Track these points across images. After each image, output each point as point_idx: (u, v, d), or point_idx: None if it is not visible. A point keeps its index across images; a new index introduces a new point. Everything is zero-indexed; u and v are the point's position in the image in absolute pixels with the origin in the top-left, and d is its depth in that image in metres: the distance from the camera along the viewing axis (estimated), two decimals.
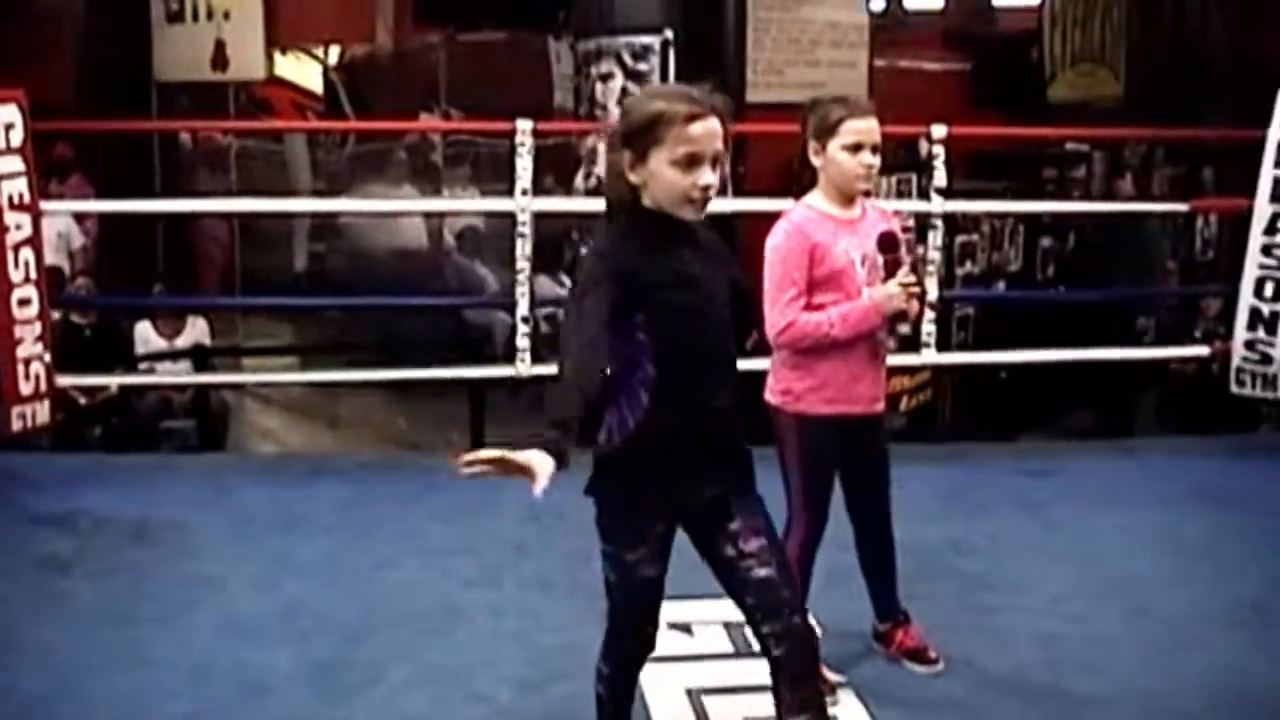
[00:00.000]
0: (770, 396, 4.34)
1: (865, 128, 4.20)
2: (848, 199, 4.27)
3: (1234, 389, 7.51)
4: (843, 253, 4.20)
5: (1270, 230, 7.19)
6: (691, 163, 3.27)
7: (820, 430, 4.25)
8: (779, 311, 4.16)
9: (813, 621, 3.61)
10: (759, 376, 4.30)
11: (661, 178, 3.29)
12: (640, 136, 3.29)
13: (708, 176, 3.29)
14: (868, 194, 4.39)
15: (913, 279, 4.21)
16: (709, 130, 3.29)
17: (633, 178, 3.32)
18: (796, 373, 4.27)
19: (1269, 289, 7.21)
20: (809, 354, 4.23)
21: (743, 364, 3.51)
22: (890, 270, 4.20)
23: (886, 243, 4.22)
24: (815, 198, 4.29)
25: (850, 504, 4.53)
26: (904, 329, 4.34)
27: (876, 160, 4.23)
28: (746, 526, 3.48)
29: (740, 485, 3.51)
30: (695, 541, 3.56)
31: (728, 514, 3.48)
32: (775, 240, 4.22)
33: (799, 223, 4.23)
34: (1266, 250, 7.21)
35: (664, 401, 3.37)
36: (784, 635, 3.46)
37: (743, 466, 3.52)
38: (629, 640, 3.67)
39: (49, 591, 5.23)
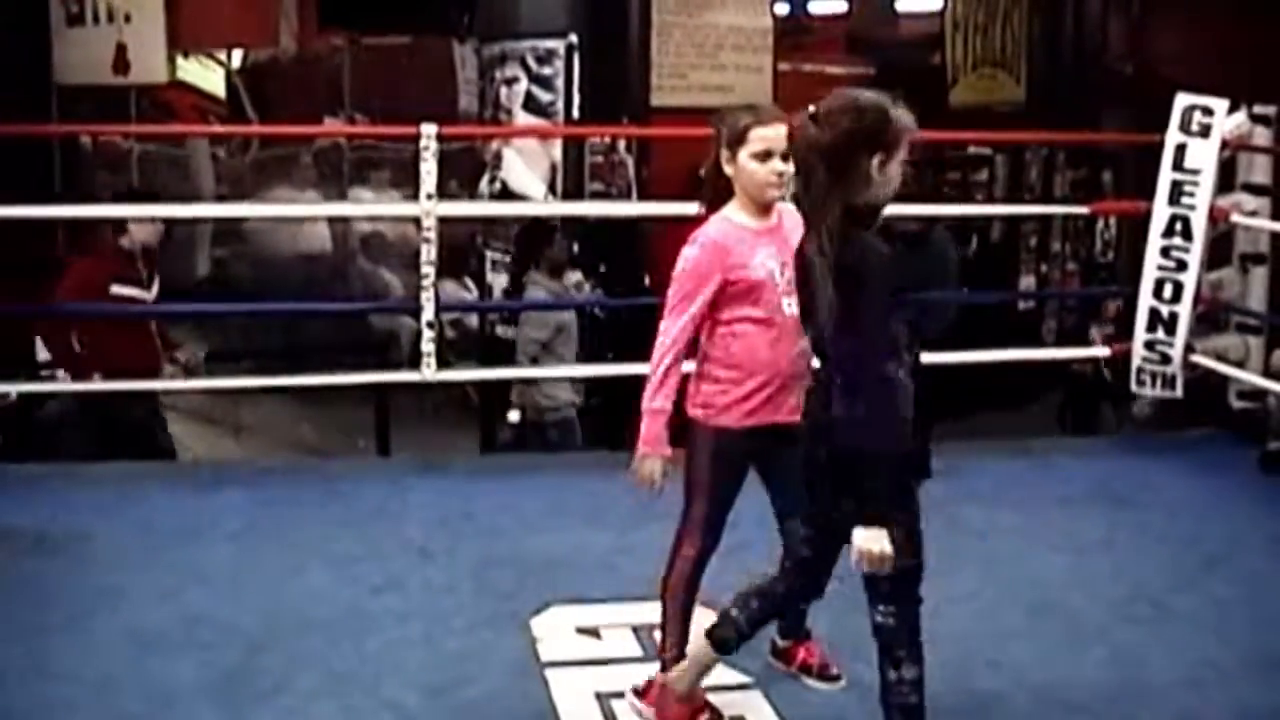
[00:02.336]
0: (689, 408, 4.25)
1: (774, 135, 4.09)
2: (763, 208, 4.19)
3: (1134, 389, 7.61)
4: (760, 265, 4.12)
5: (1168, 232, 7.28)
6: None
7: (736, 444, 4.19)
8: (668, 328, 4.14)
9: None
10: None
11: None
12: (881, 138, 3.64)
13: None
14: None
15: None
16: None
17: (877, 176, 3.63)
18: (718, 387, 4.19)
19: (1167, 290, 7.31)
20: (738, 367, 4.16)
21: None
22: None
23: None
24: (732, 209, 4.21)
25: (780, 517, 4.39)
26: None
27: (788, 167, 4.03)
28: None
29: None
30: None
31: None
32: (689, 251, 4.15)
33: (715, 236, 4.15)
34: (1164, 252, 7.31)
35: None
36: None
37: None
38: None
39: None
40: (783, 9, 12.16)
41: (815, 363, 3.83)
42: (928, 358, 3.70)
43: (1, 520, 6.02)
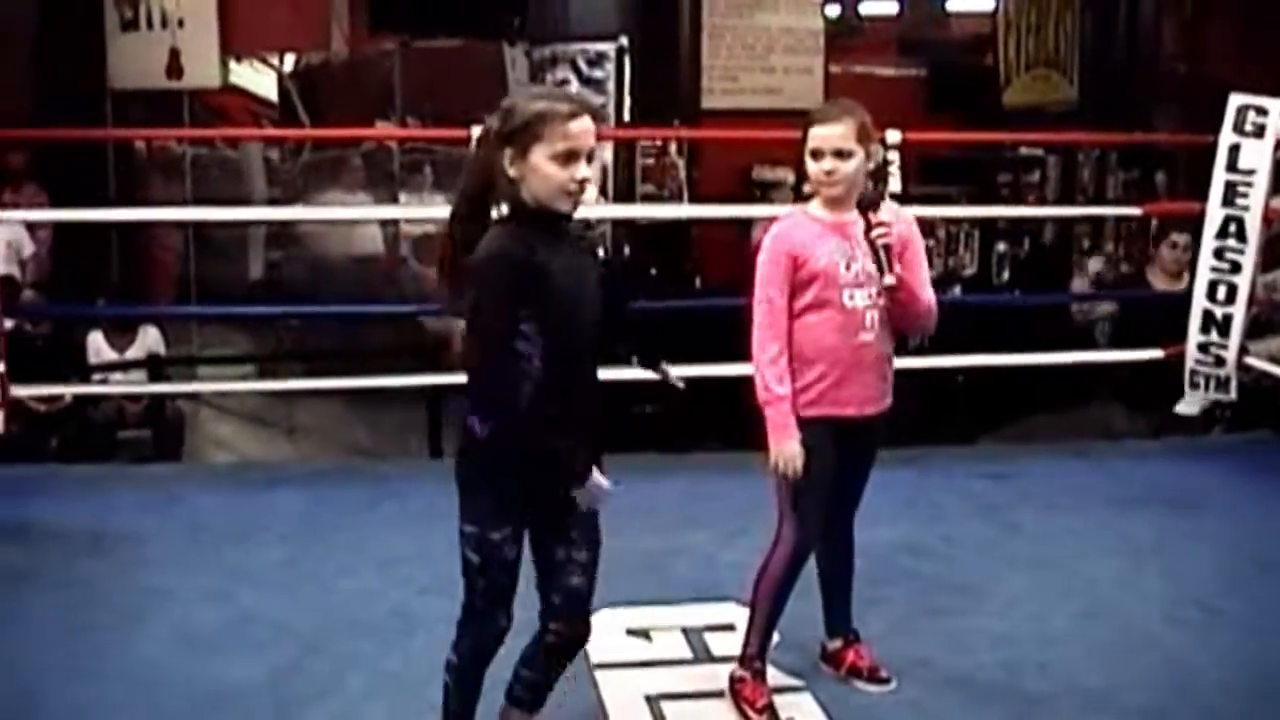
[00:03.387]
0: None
1: (824, 134, 4.21)
2: (832, 203, 4.27)
3: (1188, 391, 7.55)
4: (825, 254, 4.20)
5: (1222, 234, 7.23)
6: (569, 158, 3.47)
7: (808, 432, 4.21)
8: (758, 319, 4.23)
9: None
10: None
11: (541, 172, 3.47)
12: (522, 134, 3.47)
13: (584, 170, 3.50)
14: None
15: (879, 221, 4.19)
16: (585, 128, 3.50)
17: (511, 172, 3.49)
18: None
19: (1221, 292, 7.25)
20: (793, 358, 4.23)
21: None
22: (868, 228, 4.18)
23: (863, 202, 4.22)
24: (812, 203, 4.32)
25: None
26: (889, 281, 4.23)
27: (839, 164, 4.18)
28: (584, 536, 3.76)
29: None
30: (534, 532, 3.76)
31: (571, 516, 3.70)
32: (763, 245, 4.28)
33: (782, 227, 4.29)
34: (1218, 254, 7.25)
35: (547, 390, 3.51)
36: (561, 643, 3.83)
37: (601, 445, 3.73)
38: (486, 625, 3.79)
39: (3, 603, 5.21)
40: (834, 11, 12.13)
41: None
42: (979, 360, 3.69)
43: (55, 521, 6.07)
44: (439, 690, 4.25)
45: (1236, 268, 7.21)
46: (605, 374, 3.71)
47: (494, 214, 3.56)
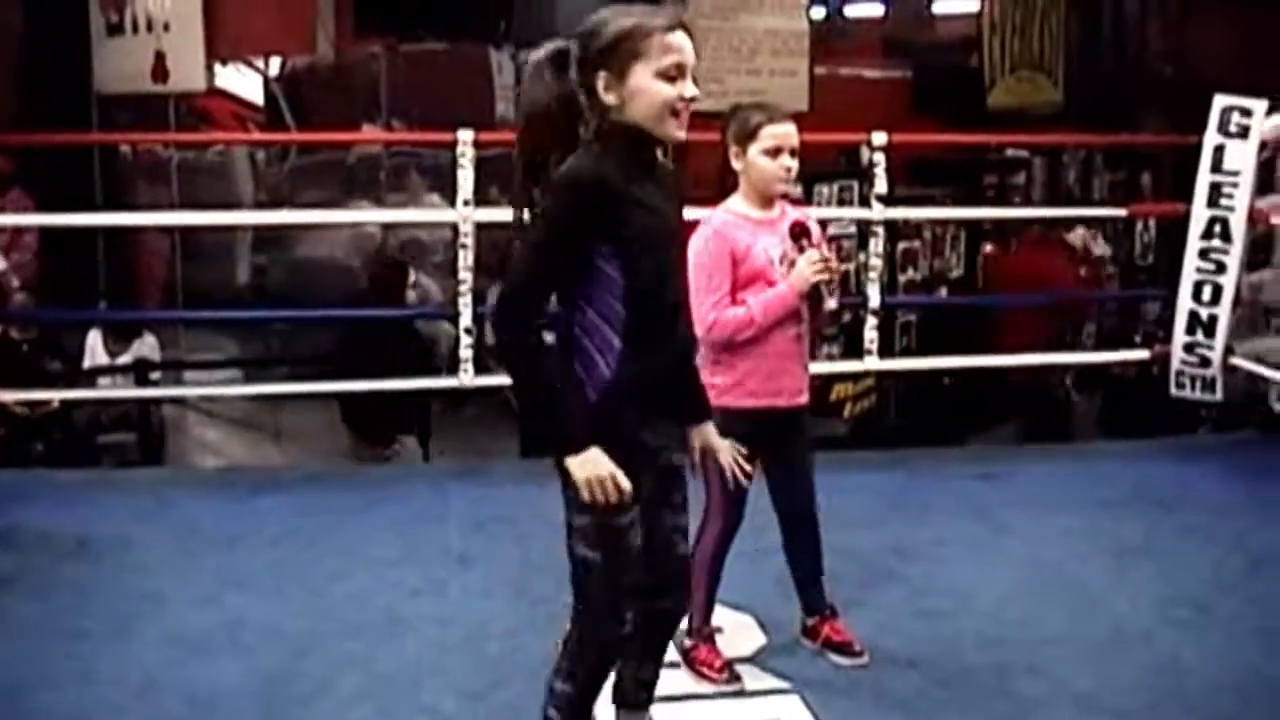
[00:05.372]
0: None
1: (784, 132, 4.40)
2: (766, 201, 4.47)
3: (1174, 392, 7.58)
4: (761, 251, 4.39)
5: (1207, 235, 7.25)
6: (676, 73, 3.22)
7: (741, 424, 4.26)
8: (704, 312, 4.28)
9: None
10: None
11: (649, 93, 3.22)
12: (616, 52, 3.23)
13: (692, 88, 3.25)
14: (785, 196, 4.58)
15: (820, 256, 4.37)
16: (686, 40, 3.26)
17: (610, 99, 3.24)
18: (718, 368, 4.38)
19: (1206, 293, 7.28)
20: (730, 350, 4.38)
21: None
22: (800, 252, 4.38)
23: (795, 230, 4.42)
24: (735, 201, 4.49)
25: (774, 498, 4.65)
26: (832, 305, 4.42)
27: (795, 163, 4.41)
28: (684, 499, 3.58)
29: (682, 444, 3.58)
30: (644, 505, 3.41)
31: (679, 480, 3.56)
32: (697, 245, 4.32)
33: (718, 227, 4.42)
34: (1203, 254, 7.28)
35: (638, 344, 3.29)
36: (674, 613, 3.67)
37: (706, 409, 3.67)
38: (608, 636, 3.46)
39: None
40: (819, 12, 12.14)
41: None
42: (966, 361, 3.71)
43: (43, 525, 6.06)
44: (430, 692, 4.26)
45: (1222, 268, 7.24)
46: None
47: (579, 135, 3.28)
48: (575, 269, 3.24)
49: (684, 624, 4.56)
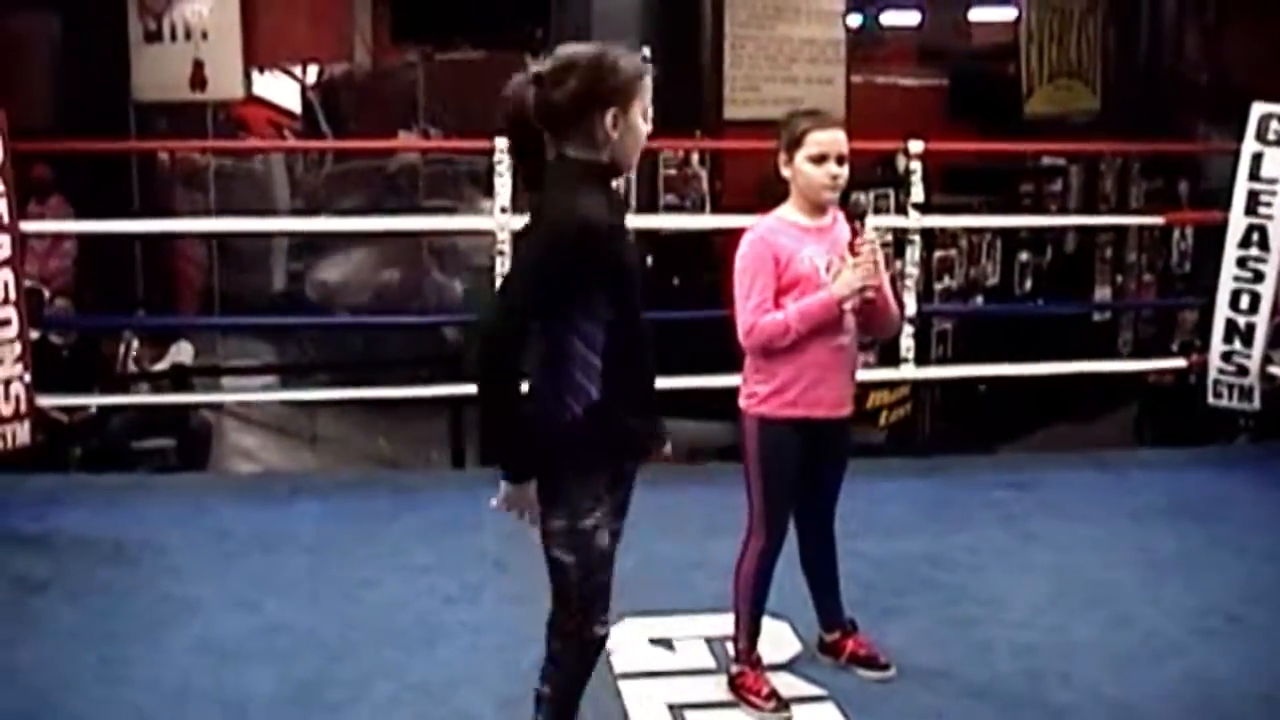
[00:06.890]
0: (740, 400, 4.42)
1: (829, 139, 4.32)
2: (816, 208, 4.37)
3: (1211, 401, 7.54)
4: (806, 259, 4.29)
5: (1244, 243, 7.21)
6: (645, 113, 3.50)
7: (779, 433, 4.27)
8: (744, 316, 4.26)
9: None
10: None
11: (635, 129, 3.46)
12: (628, 90, 3.45)
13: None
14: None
15: (870, 243, 4.28)
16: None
17: (613, 133, 3.43)
18: (759, 376, 4.35)
19: (1244, 301, 7.24)
20: (770, 357, 4.31)
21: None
22: (853, 237, 4.29)
23: (856, 211, 4.37)
24: (785, 208, 4.41)
25: (797, 507, 4.54)
26: (860, 305, 4.36)
27: (842, 170, 4.33)
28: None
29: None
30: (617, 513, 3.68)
31: (628, 498, 3.72)
32: (741, 250, 4.33)
33: (762, 232, 4.34)
34: (1241, 263, 7.24)
35: (618, 363, 3.46)
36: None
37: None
38: (586, 635, 3.62)
39: (26, 612, 5.22)
40: (855, 21, 12.14)
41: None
42: (1002, 369, 3.71)
43: (79, 530, 6.09)
44: (464, 699, 4.27)
45: (1259, 276, 7.20)
46: None
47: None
48: (563, 301, 3.40)
49: (730, 650, 4.59)
